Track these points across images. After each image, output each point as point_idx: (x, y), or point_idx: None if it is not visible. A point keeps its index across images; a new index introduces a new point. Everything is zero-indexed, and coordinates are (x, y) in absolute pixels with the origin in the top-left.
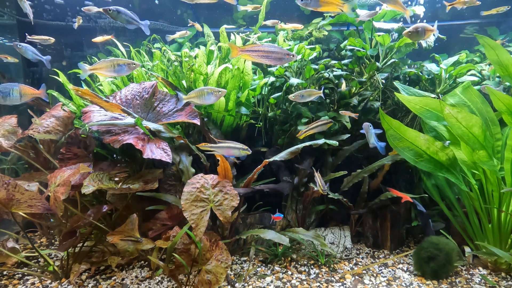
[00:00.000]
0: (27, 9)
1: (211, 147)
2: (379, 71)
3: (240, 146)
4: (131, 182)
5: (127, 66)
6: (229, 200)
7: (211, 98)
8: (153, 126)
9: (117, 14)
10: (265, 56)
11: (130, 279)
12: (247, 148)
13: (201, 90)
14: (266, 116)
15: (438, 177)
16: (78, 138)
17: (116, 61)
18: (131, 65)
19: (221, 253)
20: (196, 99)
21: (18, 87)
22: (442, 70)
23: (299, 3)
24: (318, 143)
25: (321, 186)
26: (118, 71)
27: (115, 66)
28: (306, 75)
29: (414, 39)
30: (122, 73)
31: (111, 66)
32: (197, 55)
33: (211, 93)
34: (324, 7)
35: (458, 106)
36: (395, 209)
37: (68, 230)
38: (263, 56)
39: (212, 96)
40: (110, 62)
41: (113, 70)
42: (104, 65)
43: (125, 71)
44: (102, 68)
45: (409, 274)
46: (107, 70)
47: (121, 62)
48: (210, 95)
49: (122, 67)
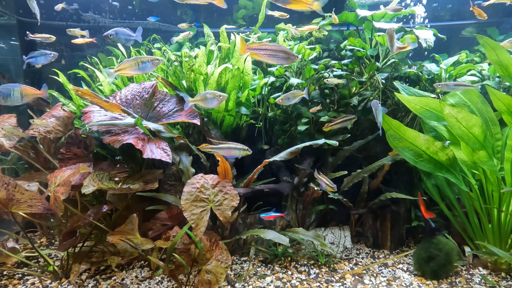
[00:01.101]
0: (35, 8)
1: (212, 148)
2: (379, 71)
3: (240, 146)
4: (131, 182)
5: (151, 63)
6: (229, 200)
7: (213, 102)
8: (153, 126)
9: (116, 36)
10: (272, 55)
11: (130, 279)
12: (248, 148)
13: (204, 95)
14: (266, 116)
15: (438, 177)
16: (78, 138)
17: (140, 58)
18: (155, 61)
19: (221, 253)
20: (201, 103)
21: (19, 88)
22: (442, 70)
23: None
24: (318, 143)
25: (330, 184)
26: (143, 68)
27: (139, 64)
28: (306, 75)
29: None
30: (147, 70)
31: (135, 64)
32: (197, 55)
33: (213, 97)
34: (293, 5)
35: (458, 106)
36: (395, 209)
37: (68, 230)
38: (271, 55)
39: (214, 100)
40: (134, 60)
41: (138, 68)
42: (128, 64)
43: (149, 67)
44: (126, 67)
45: (409, 274)
46: (132, 69)
47: (145, 59)
48: (213, 100)
49: (146, 64)
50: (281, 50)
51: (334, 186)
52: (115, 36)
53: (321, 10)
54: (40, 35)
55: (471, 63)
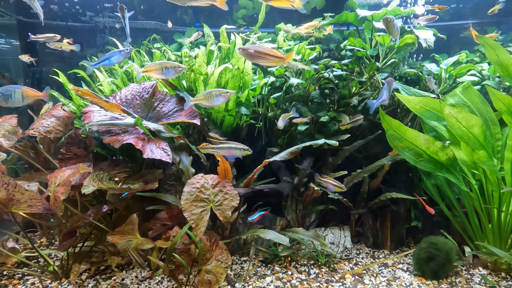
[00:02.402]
0: (38, 9)
1: (212, 148)
2: (379, 71)
3: (241, 146)
4: (131, 182)
5: (173, 69)
6: (229, 200)
7: (219, 99)
8: (153, 126)
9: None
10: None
11: (130, 279)
12: (248, 148)
13: (209, 93)
14: (266, 116)
15: (438, 177)
16: (78, 138)
17: (164, 64)
18: (177, 68)
19: (221, 253)
20: (204, 101)
21: (20, 89)
22: (442, 70)
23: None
24: (318, 143)
25: (338, 185)
26: (166, 73)
27: (163, 69)
28: (306, 75)
29: None
30: (169, 75)
31: (160, 68)
32: (197, 55)
33: (219, 94)
34: (275, 1)
35: (458, 106)
36: (395, 209)
37: (68, 230)
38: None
39: (220, 97)
40: (159, 64)
41: (162, 73)
42: (154, 67)
43: (172, 73)
44: (152, 70)
45: (409, 274)
46: (156, 72)
47: (168, 65)
48: (219, 97)
49: (169, 69)
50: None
51: (343, 185)
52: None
53: (303, 8)
54: (42, 36)
55: (471, 63)
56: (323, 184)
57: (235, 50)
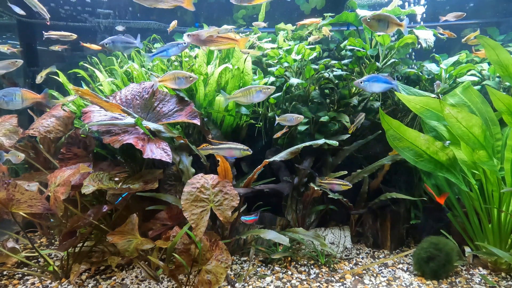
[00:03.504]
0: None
1: (212, 149)
2: (379, 71)
3: (241, 147)
4: (131, 182)
5: (185, 79)
6: (229, 200)
7: (259, 96)
8: (153, 126)
9: (113, 44)
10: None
11: (130, 279)
12: (248, 148)
13: (248, 89)
14: (266, 116)
15: (438, 177)
16: (78, 138)
17: (177, 74)
18: (189, 78)
19: (221, 253)
20: (243, 98)
21: (20, 92)
22: (442, 70)
23: (232, 1)
24: (318, 143)
25: (343, 183)
26: (179, 83)
27: (176, 79)
28: (306, 75)
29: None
30: (182, 85)
31: (173, 78)
32: (197, 55)
33: (259, 91)
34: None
35: (458, 106)
36: (395, 209)
37: (68, 230)
38: None
39: (261, 93)
40: (172, 74)
41: (175, 83)
42: (168, 77)
43: (183, 83)
44: (166, 80)
45: (409, 274)
46: (170, 82)
47: (180, 75)
48: (259, 93)
49: (181, 80)
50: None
51: (348, 183)
52: (111, 45)
53: None
54: (56, 33)
55: (471, 63)
56: (326, 186)
57: (184, 37)
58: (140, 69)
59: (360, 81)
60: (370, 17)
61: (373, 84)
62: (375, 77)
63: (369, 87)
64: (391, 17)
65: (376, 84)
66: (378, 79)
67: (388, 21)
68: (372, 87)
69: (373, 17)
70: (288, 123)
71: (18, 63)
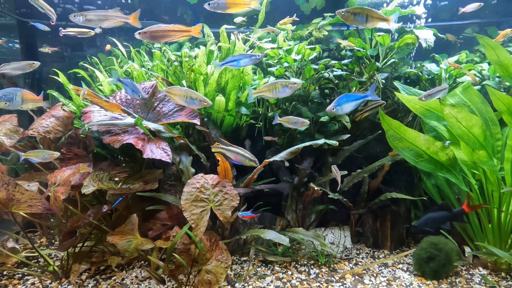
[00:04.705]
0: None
1: (222, 148)
2: (379, 71)
3: (249, 156)
4: (131, 182)
5: (198, 101)
6: (229, 200)
7: (285, 91)
8: (153, 126)
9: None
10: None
11: (130, 279)
12: (255, 160)
13: (274, 84)
14: (266, 116)
15: (438, 177)
16: (78, 138)
17: (190, 93)
18: (203, 102)
19: (221, 253)
20: (268, 93)
21: (21, 93)
22: (442, 70)
23: (207, 7)
24: (318, 143)
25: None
26: (189, 103)
27: (188, 98)
28: (306, 75)
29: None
30: (193, 105)
31: (184, 96)
32: (197, 55)
33: (285, 86)
34: (232, 8)
35: (458, 106)
36: (395, 209)
37: (68, 230)
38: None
39: (287, 89)
40: (185, 92)
41: (186, 101)
42: (178, 92)
43: (196, 104)
44: (175, 94)
45: (409, 274)
46: (179, 98)
47: (194, 96)
48: (285, 88)
49: (194, 100)
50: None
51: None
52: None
53: (259, 6)
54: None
55: (471, 63)
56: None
57: (135, 35)
58: (140, 69)
59: (331, 107)
60: (344, 11)
61: (343, 106)
62: (343, 98)
63: (341, 110)
64: (371, 10)
65: (347, 105)
66: (348, 99)
67: (367, 14)
68: (344, 109)
69: (347, 10)
70: (291, 126)
71: (35, 65)
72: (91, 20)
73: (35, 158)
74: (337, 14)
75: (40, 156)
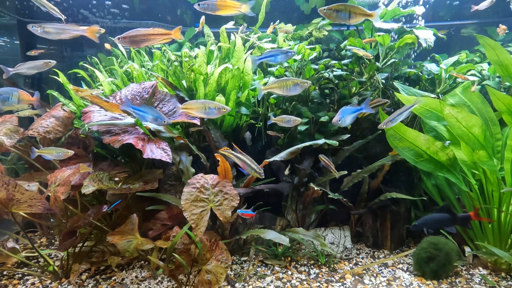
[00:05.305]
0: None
1: (231, 154)
2: (379, 71)
3: (255, 167)
4: (131, 182)
5: (217, 109)
6: (229, 200)
7: (296, 89)
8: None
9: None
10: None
11: (130, 279)
12: (261, 172)
13: (284, 81)
14: (266, 116)
15: (438, 177)
16: (78, 138)
17: (208, 104)
18: (222, 109)
19: (221, 253)
20: (278, 90)
21: (17, 93)
22: (442, 70)
23: (197, 8)
24: (318, 143)
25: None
26: (209, 113)
27: (206, 108)
28: (306, 75)
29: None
30: (212, 115)
31: (202, 108)
32: (197, 55)
33: (297, 84)
34: (222, 11)
35: (458, 106)
36: (395, 209)
37: (68, 230)
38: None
39: (298, 87)
40: (202, 104)
41: (204, 112)
42: (195, 106)
43: (215, 113)
44: (193, 108)
45: (409, 274)
46: (198, 111)
47: (212, 105)
48: (296, 87)
49: (212, 110)
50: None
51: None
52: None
53: (250, 11)
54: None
55: (471, 63)
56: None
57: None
58: (140, 69)
59: (337, 120)
60: (326, 8)
61: (346, 118)
62: (345, 111)
63: (344, 122)
64: (354, 7)
65: (348, 117)
66: (348, 111)
67: (349, 11)
68: (346, 121)
69: (329, 8)
70: (285, 124)
71: (51, 64)
72: (49, 33)
73: (49, 156)
74: (319, 12)
75: (54, 154)
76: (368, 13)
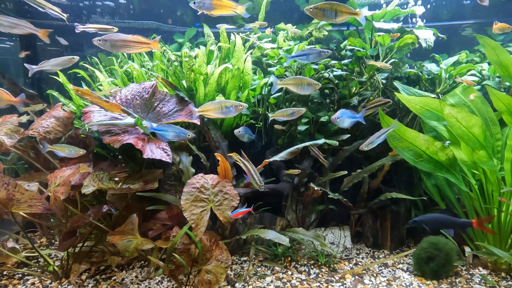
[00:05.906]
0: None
1: (239, 159)
2: (379, 71)
3: (257, 178)
4: (131, 182)
5: (234, 108)
6: (229, 200)
7: (309, 89)
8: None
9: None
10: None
11: (130, 279)
12: (263, 185)
13: (300, 79)
14: (266, 116)
15: (438, 177)
16: (78, 138)
17: (224, 103)
18: (239, 106)
19: (221, 253)
20: (293, 87)
21: None
22: (442, 70)
23: (193, 6)
24: (318, 143)
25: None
26: (226, 112)
27: (223, 108)
28: (306, 75)
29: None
30: (230, 114)
31: (219, 108)
32: (197, 55)
33: (310, 84)
34: (217, 10)
35: (458, 106)
36: (395, 209)
37: (68, 230)
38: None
39: (310, 87)
40: (218, 104)
41: (221, 112)
42: (212, 107)
43: (232, 112)
44: (210, 110)
45: (409, 274)
46: (215, 112)
47: (228, 104)
48: (309, 87)
49: (229, 108)
50: None
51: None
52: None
53: (246, 13)
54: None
55: (471, 63)
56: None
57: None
58: (140, 69)
59: (336, 117)
60: (312, 7)
61: (344, 120)
62: (344, 113)
63: (342, 122)
64: (340, 5)
65: (347, 120)
66: (347, 115)
67: (335, 9)
68: (344, 123)
69: (315, 6)
70: (287, 118)
71: (74, 60)
72: (2, 25)
73: (61, 153)
74: (305, 11)
75: (66, 151)
76: (354, 11)
